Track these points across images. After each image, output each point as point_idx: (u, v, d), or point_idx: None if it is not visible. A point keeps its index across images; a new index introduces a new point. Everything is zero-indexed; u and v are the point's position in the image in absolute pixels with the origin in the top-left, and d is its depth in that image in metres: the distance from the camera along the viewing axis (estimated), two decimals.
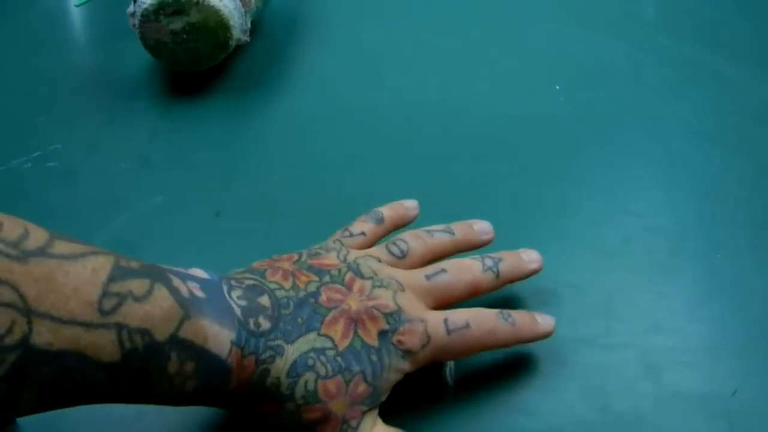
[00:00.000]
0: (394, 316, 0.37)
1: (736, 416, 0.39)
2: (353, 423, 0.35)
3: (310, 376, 0.35)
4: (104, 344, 0.29)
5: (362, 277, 0.39)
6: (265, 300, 0.36)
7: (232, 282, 0.36)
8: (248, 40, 0.60)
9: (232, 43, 0.59)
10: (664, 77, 0.61)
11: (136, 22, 0.57)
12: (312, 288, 0.37)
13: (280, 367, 0.34)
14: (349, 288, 0.38)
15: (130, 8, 0.57)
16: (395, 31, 0.67)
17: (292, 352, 0.35)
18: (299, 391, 0.34)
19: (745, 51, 0.62)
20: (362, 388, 0.36)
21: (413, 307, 0.38)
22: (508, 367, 0.42)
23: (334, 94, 0.60)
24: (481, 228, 0.44)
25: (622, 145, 0.55)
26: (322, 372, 0.35)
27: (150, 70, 0.63)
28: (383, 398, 0.37)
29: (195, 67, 0.60)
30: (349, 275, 0.38)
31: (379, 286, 0.38)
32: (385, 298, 0.38)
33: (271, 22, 0.67)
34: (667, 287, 0.46)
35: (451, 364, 0.42)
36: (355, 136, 0.57)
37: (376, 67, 0.63)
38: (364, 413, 0.36)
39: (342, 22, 0.68)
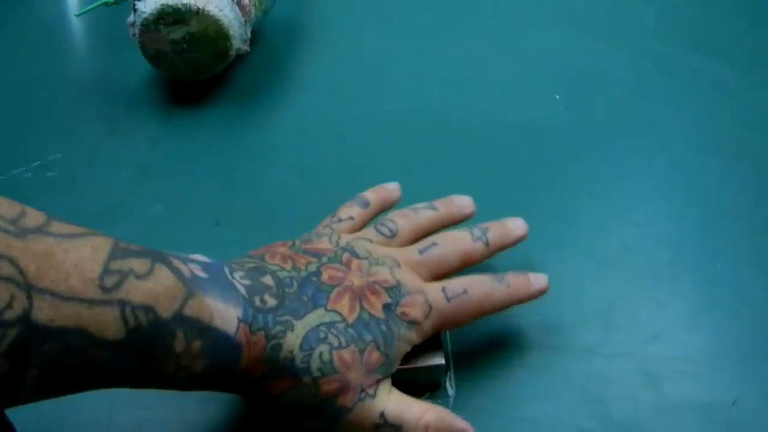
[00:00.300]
0: (395, 290, 0.38)
1: (736, 426, 0.39)
2: (371, 391, 0.36)
3: (324, 348, 0.35)
4: (107, 321, 0.29)
5: (358, 257, 0.39)
6: (268, 280, 0.36)
7: (233, 265, 0.36)
8: (248, 49, 0.60)
9: (232, 52, 0.59)
10: (664, 86, 0.61)
11: (136, 31, 0.57)
12: (312, 268, 0.38)
13: (292, 341, 0.34)
14: (348, 267, 0.39)
15: (130, 18, 0.58)
16: (395, 40, 0.67)
17: (302, 326, 0.35)
18: (315, 363, 0.35)
19: (745, 60, 0.62)
20: (376, 356, 0.36)
21: (411, 279, 0.39)
22: (508, 376, 0.42)
23: (334, 103, 0.60)
24: (462, 202, 0.45)
25: (623, 154, 0.55)
26: (336, 343, 0.35)
27: (150, 80, 0.63)
28: (395, 368, 0.38)
29: (195, 77, 0.60)
30: (345, 255, 0.39)
31: (375, 264, 0.39)
32: (383, 274, 0.39)
33: (271, 32, 0.68)
34: (667, 296, 0.46)
35: (451, 372, 0.42)
36: (355, 144, 0.57)
37: (376, 75, 0.63)
38: (379, 381, 0.36)
39: (342, 31, 0.68)
